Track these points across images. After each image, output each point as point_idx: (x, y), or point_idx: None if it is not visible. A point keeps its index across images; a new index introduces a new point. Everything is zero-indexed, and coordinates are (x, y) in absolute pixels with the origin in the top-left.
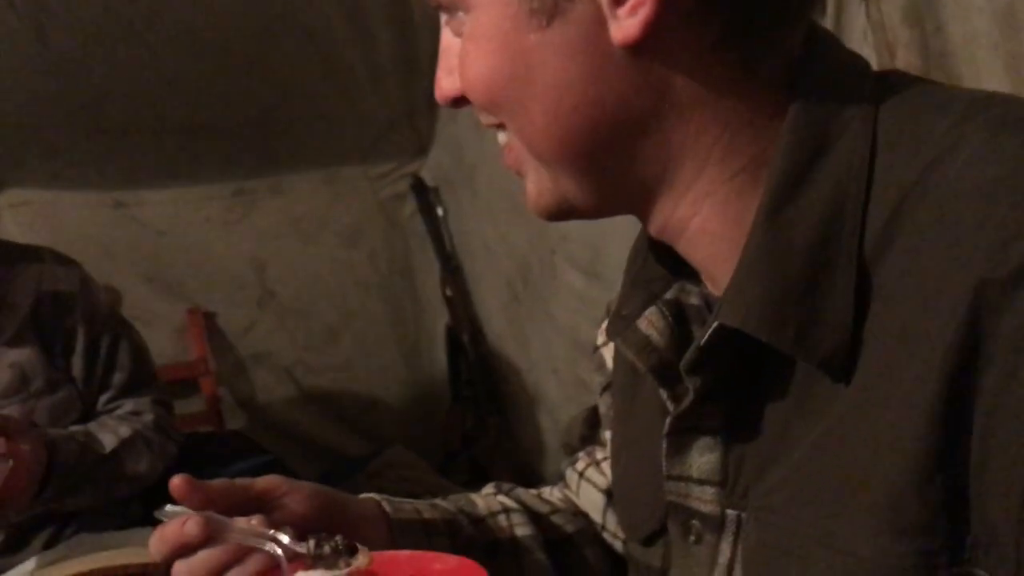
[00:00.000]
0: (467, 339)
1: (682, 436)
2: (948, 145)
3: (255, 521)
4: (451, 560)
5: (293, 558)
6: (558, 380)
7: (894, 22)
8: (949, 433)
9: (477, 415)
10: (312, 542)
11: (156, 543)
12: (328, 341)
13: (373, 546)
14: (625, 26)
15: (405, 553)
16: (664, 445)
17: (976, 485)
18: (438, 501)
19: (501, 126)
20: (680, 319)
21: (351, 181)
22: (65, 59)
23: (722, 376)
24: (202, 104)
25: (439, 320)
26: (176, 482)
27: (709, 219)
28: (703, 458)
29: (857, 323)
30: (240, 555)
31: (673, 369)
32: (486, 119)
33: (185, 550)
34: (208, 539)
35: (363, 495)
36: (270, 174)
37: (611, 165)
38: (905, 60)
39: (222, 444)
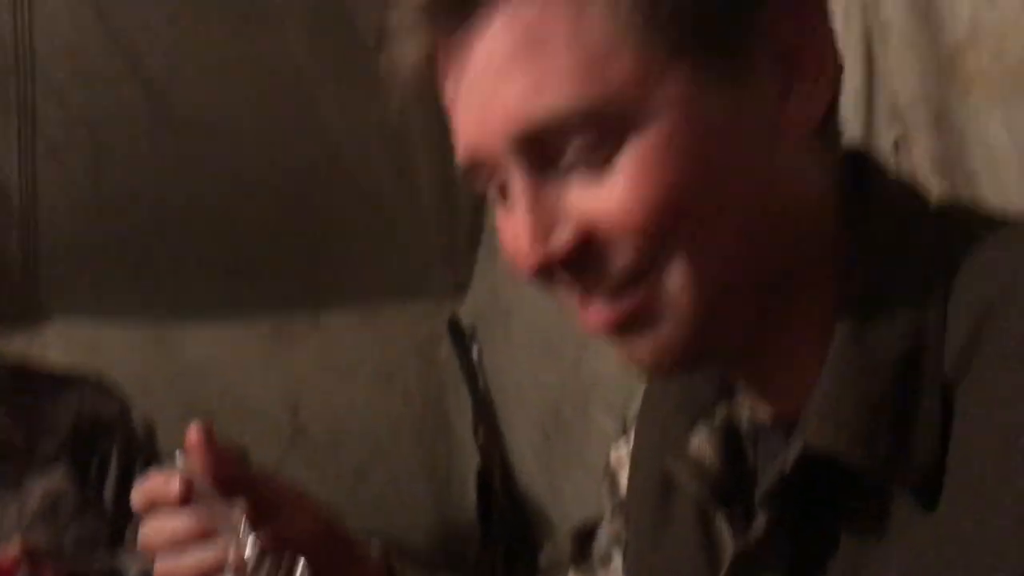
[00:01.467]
0: (498, 483)
1: (745, 570)
2: (1021, 270)
3: (239, 508)
4: None
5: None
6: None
7: (925, 170)
8: None
9: (507, 561)
10: (257, 559)
11: (138, 492)
12: (358, 481)
13: None
14: (805, 109)
15: None
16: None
17: None
18: None
19: (634, 280)
20: (731, 442)
21: (388, 319)
22: (118, 195)
23: (794, 506)
24: (247, 241)
25: (471, 462)
26: (193, 431)
27: (797, 333)
28: None
29: (943, 444)
30: (209, 532)
31: (729, 494)
32: (613, 277)
33: (157, 505)
34: (184, 503)
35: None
36: (309, 311)
37: (770, 283)
38: None
39: None
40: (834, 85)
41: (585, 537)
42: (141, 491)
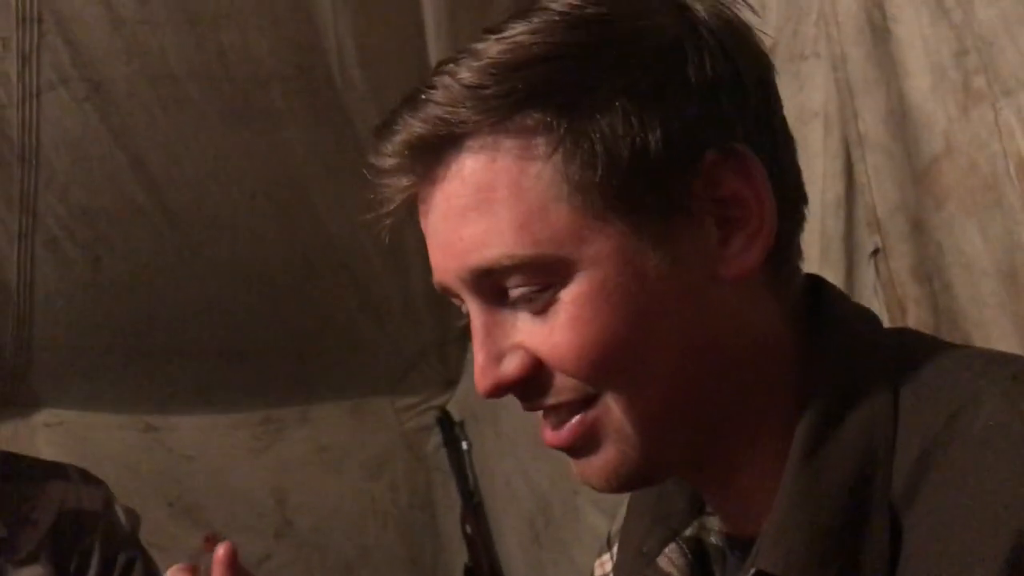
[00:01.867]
0: None
1: None
2: (968, 398)
3: None
4: None
5: None
6: None
7: (903, 279)
8: None
9: None
10: None
11: None
12: (344, 575)
13: None
14: (741, 260)
15: None
16: None
17: None
18: None
19: (571, 403)
20: (701, 557)
21: (378, 412)
22: (115, 285)
23: None
24: (240, 331)
25: (458, 558)
26: (221, 549)
27: (753, 459)
28: None
29: (890, 570)
30: None
31: None
32: (555, 397)
33: None
34: None
35: None
36: (299, 402)
37: (714, 411)
38: (916, 316)
39: None
40: (770, 236)
41: None
42: None
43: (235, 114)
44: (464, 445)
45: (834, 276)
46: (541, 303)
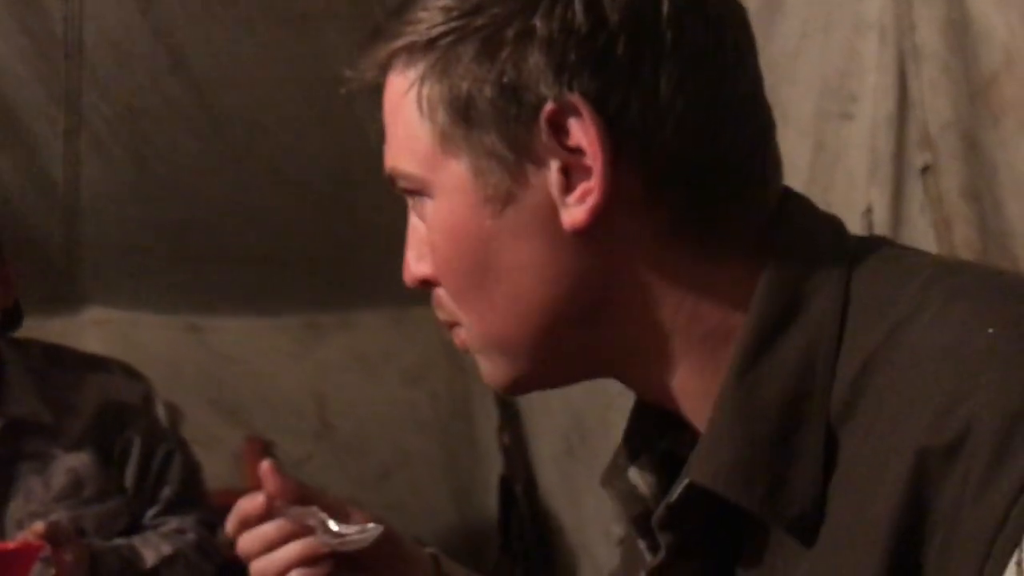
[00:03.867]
0: (520, 490)
1: None
2: (911, 311)
3: (313, 508)
4: None
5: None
6: (609, 541)
7: (952, 197)
8: None
9: (526, 569)
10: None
11: (229, 519)
12: (381, 480)
13: None
14: (573, 213)
15: None
16: None
17: None
18: None
19: (454, 324)
20: (672, 470)
21: (419, 321)
22: (159, 188)
23: (695, 533)
24: (282, 237)
25: (494, 468)
26: (265, 464)
27: (685, 379)
28: None
29: (823, 484)
30: (298, 532)
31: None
32: (441, 314)
33: (248, 522)
34: (267, 514)
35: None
36: (340, 309)
37: (569, 343)
38: (963, 235)
39: None
40: (601, 194)
41: None
42: (233, 514)
43: (277, 14)
44: None
45: (881, 194)
46: (419, 210)
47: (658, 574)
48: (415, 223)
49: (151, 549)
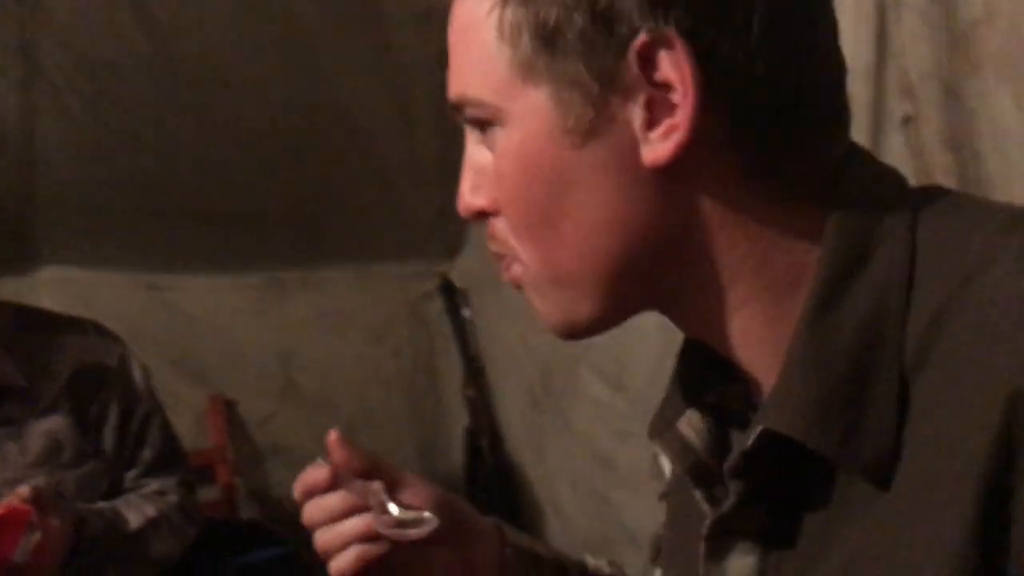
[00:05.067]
0: (486, 444)
1: (721, 540)
2: (987, 258)
3: (376, 485)
4: None
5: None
6: (575, 493)
7: (932, 147)
8: (987, 542)
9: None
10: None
11: (296, 486)
12: (346, 436)
13: (482, 566)
14: (657, 149)
15: None
16: (703, 548)
17: None
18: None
19: (507, 258)
20: (720, 421)
21: (382, 278)
22: (118, 142)
23: (764, 480)
24: (246, 193)
25: (458, 422)
26: (332, 434)
27: (750, 323)
28: (741, 561)
29: (897, 431)
30: (360, 507)
31: (711, 471)
32: (495, 246)
33: (313, 492)
34: (333, 486)
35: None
36: (304, 266)
37: (635, 280)
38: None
39: (240, 532)
40: (688, 131)
41: (657, 544)
42: (299, 483)
43: None
44: (466, 313)
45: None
46: (489, 140)
47: (725, 522)
48: (473, 152)
49: (134, 511)
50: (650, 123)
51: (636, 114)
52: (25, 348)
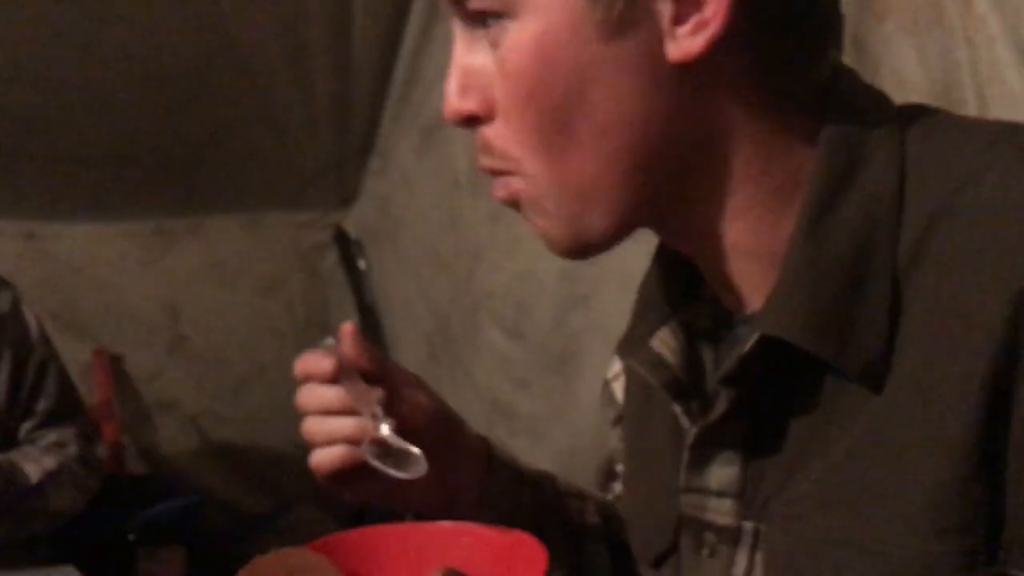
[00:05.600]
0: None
1: (705, 448)
2: (977, 168)
3: (376, 394)
4: (511, 534)
5: (374, 442)
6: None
7: None
8: (989, 437)
9: None
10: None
11: (298, 363)
12: (238, 392)
13: (465, 485)
14: (685, 45)
15: (461, 524)
16: (686, 457)
17: (1014, 486)
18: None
19: (504, 172)
20: (690, 339)
21: (273, 228)
22: None
23: (753, 388)
24: (130, 136)
25: None
26: (347, 326)
27: (742, 235)
28: (723, 470)
29: (890, 334)
30: (354, 411)
31: (685, 386)
32: (489, 160)
33: (312, 379)
34: (333, 381)
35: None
36: (192, 214)
37: (647, 186)
38: None
39: (141, 486)
40: (720, 26)
41: (610, 470)
42: (301, 363)
43: None
44: (361, 264)
45: None
46: (494, 35)
47: (711, 431)
48: (463, 53)
49: (32, 463)
50: (679, 18)
51: (665, 8)
52: None
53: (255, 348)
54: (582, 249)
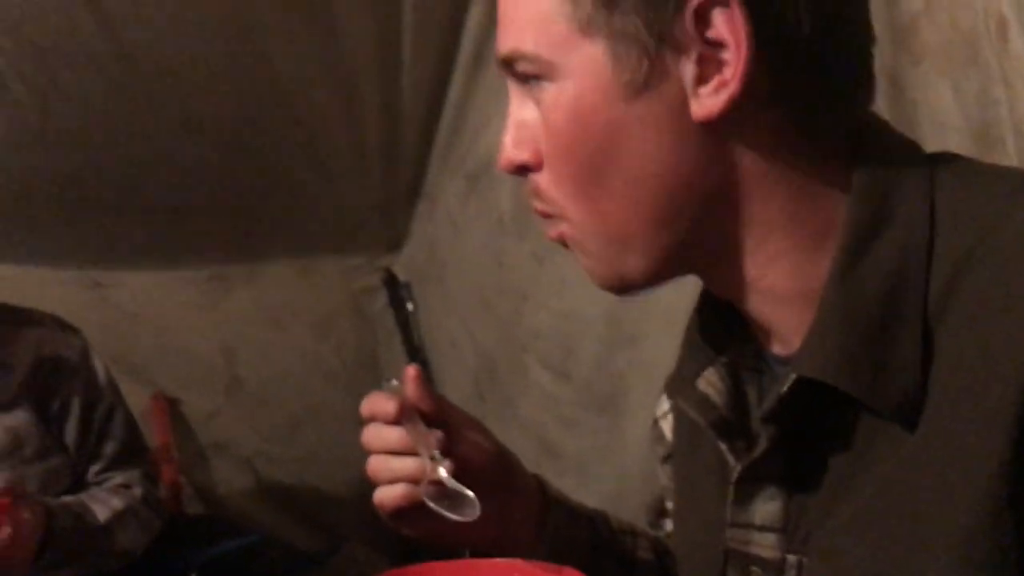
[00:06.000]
0: None
1: (749, 485)
2: (1004, 213)
3: (435, 436)
4: (562, 571)
5: (432, 483)
6: None
7: None
8: (1019, 474)
9: None
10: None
11: (364, 403)
12: (291, 432)
13: (521, 520)
14: (707, 104)
15: (513, 561)
16: (731, 493)
17: None
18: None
19: (552, 216)
20: (735, 380)
21: (325, 272)
22: (63, 133)
23: (793, 426)
24: (189, 186)
25: None
26: (411, 369)
27: (778, 278)
28: (766, 506)
29: (923, 374)
30: (410, 450)
31: (731, 425)
32: (539, 204)
33: (376, 419)
34: (395, 422)
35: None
36: (246, 260)
37: (680, 232)
38: None
39: (202, 526)
40: (739, 87)
41: (660, 508)
42: (367, 403)
43: None
44: (409, 306)
45: None
46: (538, 94)
47: (755, 467)
48: (518, 108)
49: (101, 505)
50: (701, 79)
51: (688, 70)
52: None
53: (307, 389)
54: (622, 286)
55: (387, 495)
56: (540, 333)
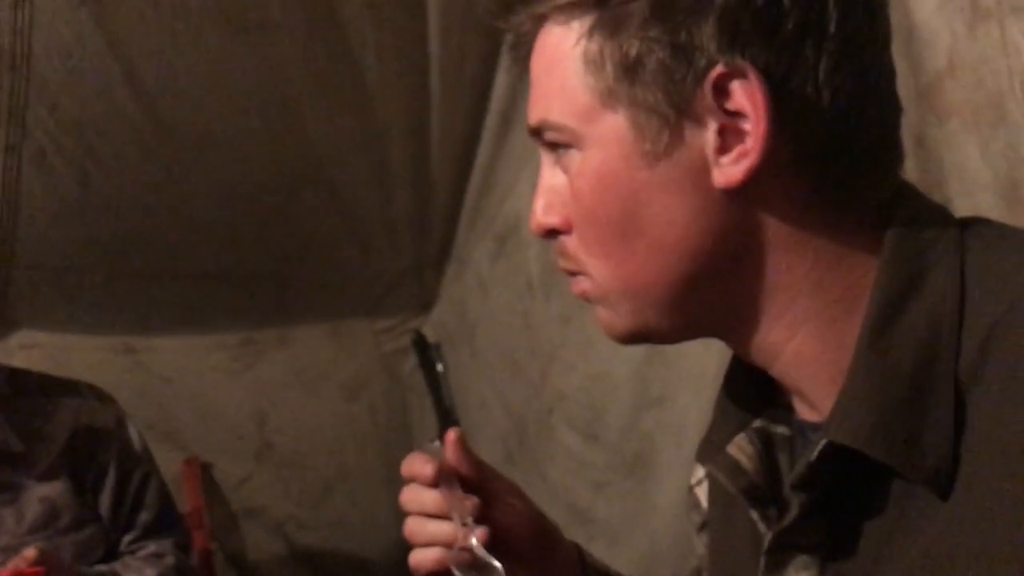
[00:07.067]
0: None
1: (781, 553)
2: None
3: (470, 503)
4: None
5: (463, 550)
6: None
7: None
8: None
9: None
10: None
11: (404, 463)
12: (323, 497)
13: None
14: (728, 172)
15: None
16: (763, 562)
17: None
18: None
19: (576, 273)
20: (767, 446)
21: (356, 334)
22: (101, 203)
23: (824, 494)
24: (222, 252)
25: None
26: (451, 433)
27: (805, 344)
28: (800, 575)
29: (955, 442)
30: (445, 513)
31: (762, 492)
32: (565, 263)
33: (415, 480)
34: (433, 485)
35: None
36: (278, 324)
37: (703, 295)
38: None
39: None
40: (758, 157)
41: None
42: (407, 464)
43: (232, 26)
44: (439, 367)
45: None
46: (565, 162)
47: (786, 535)
48: (548, 174)
49: (135, 574)
50: (722, 148)
51: (708, 139)
52: (21, 412)
53: (339, 452)
54: (637, 339)
55: (421, 558)
56: (567, 394)
